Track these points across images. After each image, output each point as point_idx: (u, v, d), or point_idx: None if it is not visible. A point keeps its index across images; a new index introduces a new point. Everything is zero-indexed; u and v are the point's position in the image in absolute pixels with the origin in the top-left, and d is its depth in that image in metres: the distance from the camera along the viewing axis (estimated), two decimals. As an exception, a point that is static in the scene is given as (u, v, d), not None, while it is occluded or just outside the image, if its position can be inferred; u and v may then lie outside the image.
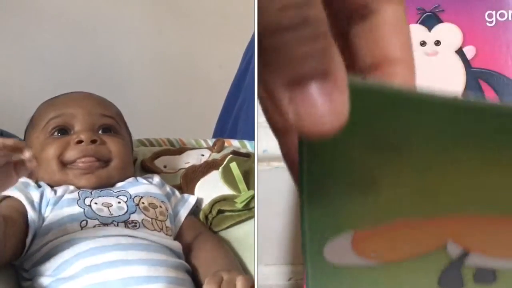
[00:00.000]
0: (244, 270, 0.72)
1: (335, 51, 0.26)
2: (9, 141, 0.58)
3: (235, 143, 0.91)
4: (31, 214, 0.68)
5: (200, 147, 0.91)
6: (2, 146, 0.57)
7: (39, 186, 0.73)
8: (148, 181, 0.78)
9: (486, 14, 0.66)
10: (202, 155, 0.87)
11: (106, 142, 0.75)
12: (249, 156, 0.84)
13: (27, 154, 0.58)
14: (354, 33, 0.31)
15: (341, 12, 0.31)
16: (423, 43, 0.67)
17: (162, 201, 0.75)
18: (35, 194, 0.70)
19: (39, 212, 0.69)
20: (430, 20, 0.66)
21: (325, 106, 0.25)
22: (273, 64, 0.26)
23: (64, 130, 0.75)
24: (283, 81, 0.26)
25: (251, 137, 0.91)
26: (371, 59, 0.31)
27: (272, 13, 0.25)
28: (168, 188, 0.79)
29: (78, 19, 1.49)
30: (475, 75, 0.65)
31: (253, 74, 0.95)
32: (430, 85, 0.69)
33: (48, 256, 0.65)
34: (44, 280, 0.64)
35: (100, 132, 0.76)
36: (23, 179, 0.73)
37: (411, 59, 0.32)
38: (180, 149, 0.90)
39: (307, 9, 0.25)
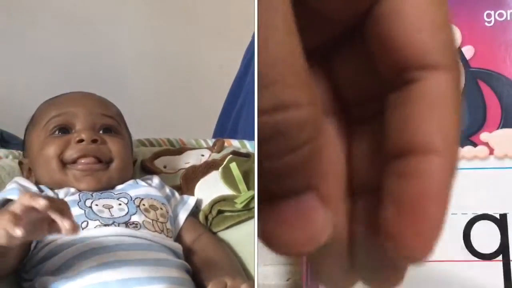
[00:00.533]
0: (243, 270, 0.72)
1: (326, 150, 0.21)
2: (56, 204, 0.54)
3: (235, 143, 0.91)
4: None
5: (200, 147, 0.91)
6: (46, 208, 0.53)
7: (41, 190, 0.73)
8: (147, 183, 0.77)
9: (485, 14, 0.66)
10: (202, 155, 0.87)
11: (106, 142, 0.75)
12: (249, 156, 0.84)
13: (66, 224, 0.53)
14: (387, 105, 0.24)
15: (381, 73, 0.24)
16: None
17: (162, 203, 0.75)
18: None
19: None
20: None
21: (301, 229, 0.21)
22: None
23: (65, 129, 0.75)
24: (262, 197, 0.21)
25: (251, 137, 0.91)
26: (399, 144, 0.23)
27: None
28: (167, 190, 0.79)
29: (78, 19, 1.49)
30: (474, 75, 0.65)
31: (253, 74, 0.95)
32: None
33: (49, 257, 0.65)
34: (45, 280, 0.64)
35: (100, 132, 0.76)
36: (24, 182, 0.74)
37: (454, 148, 0.23)
38: (180, 149, 0.90)
39: (281, 114, 0.20)
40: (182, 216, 0.76)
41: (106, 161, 0.74)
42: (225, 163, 0.81)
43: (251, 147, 0.89)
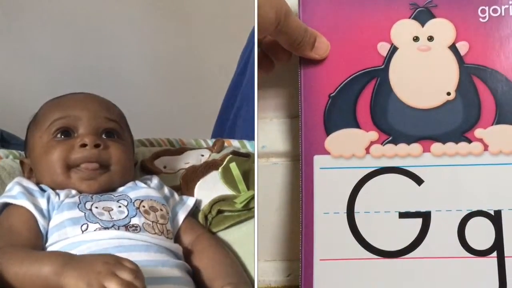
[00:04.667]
0: (243, 267, 0.73)
1: None
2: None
3: (235, 143, 0.91)
4: (41, 222, 0.69)
5: (200, 147, 0.91)
6: None
7: (43, 190, 0.73)
8: (147, 184, 0.77)
9: (479, 9, 0.66)
10: (202, 155, 0.87)
11: (109, 147, 0.75)
12: (248, 156, 0.84)
13: None
14: None
15: None
16: (416, 39, 0.66)
17: (162, 204, 0.75)
18: (42, 202, 0.71)
19: (48, 218, 0.70)
20: (423, 15, 0.66)
21: None
22: None
23: (67, 132, 0.75)
24: None
25: (250, 136, 0.91)
26: None
27: None
28: (166, 190, 0.79)
29: (79, 19, 1.49)
30: (468, 71, 0.65)
31: (252, 73, 0.95)
32: (422, 81, 0.68)
33: None
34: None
35: (103, 136, 0.76)
36: (25, 183, 0.74)
37: None
38: (180, 149, 0.90)
39: None
40: (181, 217, 0.76)
41: (107, 166, 0.74)
42: (225, 163, 0.81)
43: (251, 147, 0.89)
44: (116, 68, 1.52)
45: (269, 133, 0.76)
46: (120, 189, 0.75)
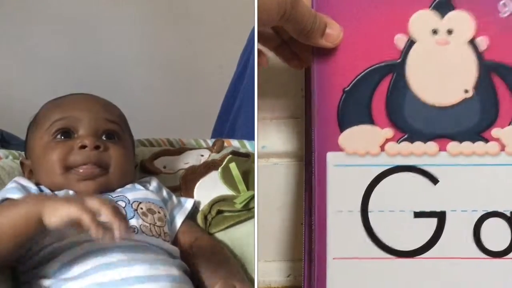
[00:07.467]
0: (243, 268, 0.72)
1: None
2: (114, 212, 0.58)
3: (234, 143, 0.91)
4: None
5: (199, 148, 0.91)
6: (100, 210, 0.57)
7: (41, 191, 0.73)
8: (145, 186, 0.77)
9: (500, 3, 0.62)
10: (202, 155, 0.87)
11: (108, 149, 0.75)
12: (248, 156, 0.84)
13: (117, 233, 0.57)
14: None
15: None
16: (434, 32, 0.63)
17: (160, 207, 0.75)
18: None
19: None
20: (443, 6, 0.63)
21: None
22: None
23: (67, 133, 0.75)
24: None
25: (250, 136, 0.91)
26: None
27: None
28: (165, 193, 0.78)
29: (78, 19, 1.49)
30: (488, 69, 0.62)
31: (252, 73, 0.95)
32: (440, 77, 0.61)
33: (48, 259, 0.65)
34: (44, 282, 0.64)
35: (103, 137, 0.76)
36: (24, 182, 0.74)
37: None
38: (179, 150, 0.90)
39: None
40: (179, 220, 0.76)
41: (106, 167, 0.74)
42: (224, 163, 0.81)
43: (251, 147, 0.89)
44: (116, 68, 1.52)
45: (269, 133, 0.76)
46: (118, 190, 0.75)
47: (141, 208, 0.72)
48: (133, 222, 0.70)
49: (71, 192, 0.72)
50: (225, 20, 1.49)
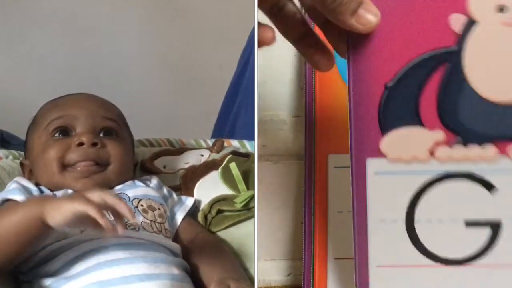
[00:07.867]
0: (242, 267, 0.73)
1: None
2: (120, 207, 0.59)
3: (234, 143, 0.91)
4: None
5: (199, 148, 0.91)
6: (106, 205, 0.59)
7: (41, 191, 0.73)
8: (146, 183, 0.77)
9: None
10: (202, 155, 0.87)
11: (106, 145, 0.74)
12: (248, 156, 0.84)
13: (120, 229, 0.59)
14: None
15: None
16: (501, 9, 0.50)
17: (160, 204, 0.75)
18: None
19: None
20: None
21: None
22: None
23: (65, 131, 0.75)
24: None
25: (250, 136, 0.91)
26: None
27: None
28: (165, 190, 0.79)
29: (78, 20, 1.49)
30: None
31: (252, 73, 0.96)
32: (506, 68, 0.50)
33: (48, 258, 0.65)
34: (45, 281, 0.64)
35: (101, 134, 0.76)
36: (25, 183, 0.74)
37: None
38: (179, 150, 0.90)
39: None
40: (179, 217, 0.76)
41: (104, 164, 0.74)
42: (224, 163, 0.81)
43: (251, 147, 0.90)
44: (116, 68, 1.52)
45: (269, 133, 0.76)
46: (118, 187, 0.75)
47: (142, 205, 0.73)
48: (134, 218, 0.70)
49: (70, 191, 0.72)
50: (225, 20, 1.49)
